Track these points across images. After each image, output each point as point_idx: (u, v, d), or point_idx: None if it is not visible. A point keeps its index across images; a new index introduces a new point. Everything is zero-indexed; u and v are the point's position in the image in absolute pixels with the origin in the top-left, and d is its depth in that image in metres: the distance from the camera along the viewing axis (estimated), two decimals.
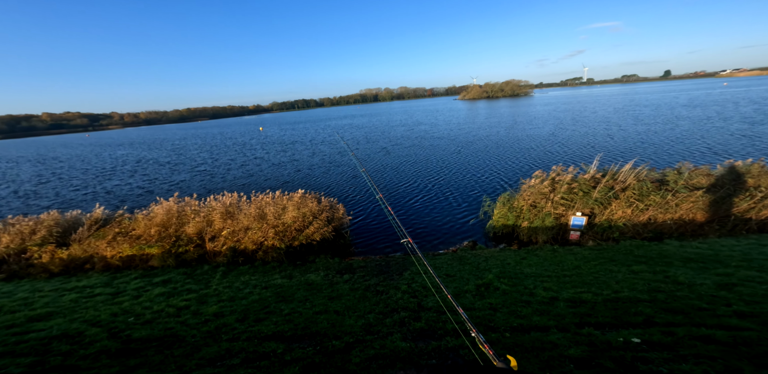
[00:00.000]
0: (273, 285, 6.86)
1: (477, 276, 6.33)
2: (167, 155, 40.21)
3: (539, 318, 3.94)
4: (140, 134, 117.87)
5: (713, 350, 2.85)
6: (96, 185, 24.68)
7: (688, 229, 9.08)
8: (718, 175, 9.86)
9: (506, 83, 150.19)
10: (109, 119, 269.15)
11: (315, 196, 11.12)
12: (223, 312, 5.16)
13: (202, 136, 71.61)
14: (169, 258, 9.44)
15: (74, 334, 4.37)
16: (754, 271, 5.65)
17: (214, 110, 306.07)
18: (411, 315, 4.45)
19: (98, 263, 9.64)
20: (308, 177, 21.00)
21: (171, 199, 11.30)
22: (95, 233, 10.52)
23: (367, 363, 3.13)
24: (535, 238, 9.81)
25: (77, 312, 5.46)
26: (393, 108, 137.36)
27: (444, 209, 13.39)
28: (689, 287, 5.17)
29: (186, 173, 26.45)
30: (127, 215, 11.49)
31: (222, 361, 3.42)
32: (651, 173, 10.29)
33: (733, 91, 70.48)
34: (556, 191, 10.00)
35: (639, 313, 4.02)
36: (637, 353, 2.86)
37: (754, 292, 4.69)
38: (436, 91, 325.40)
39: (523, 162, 19.99)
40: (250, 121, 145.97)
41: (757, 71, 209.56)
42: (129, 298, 6.24)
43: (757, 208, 8.86)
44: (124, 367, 3.35)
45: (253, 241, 9.66)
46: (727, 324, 3.53)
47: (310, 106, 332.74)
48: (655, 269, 6.24)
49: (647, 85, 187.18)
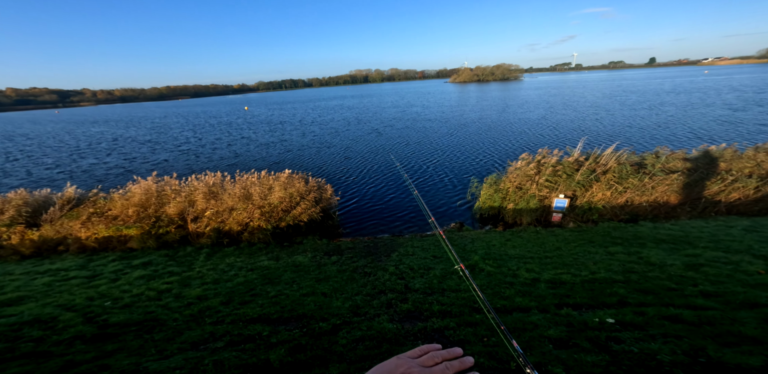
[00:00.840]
0: (259, 266, 6.79)
1: (463, 258, 6.45)
2: (147, 134, 38.27)
3: (521, 299, 4.06)
4: (116, 111, 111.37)
5: (680, 329, 3.00)
6: (71, 163, 23.37)
7: (661, 211, 9.48)
8: (693, 159, 10.23)
9: (497, 67, 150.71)
10: (81, 95, 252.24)
11: (302, 176, 10.88)
12: (207, 294, 5.08)
13: (185, 114, 68.35)
14: (149, 240, 9.16)
15: (47, 319, 4.20)
16: (720, 252, 5.93)
17: (195, 88, 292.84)
18: (398, 297, 4.50)
19: (72, 244, 9.25)
20: (299, 158, 20.47)
21: (149, 178, 10.81)
22: (68, 214, 10.02)
23: (354, 344, 3.16)
24: (520, 220, 10.05)
25: (51, 296, 5.25)
26: (383, 90, 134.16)
27: (435, 191, 13.45)
28: (660, 267, 5.41)
29: (168, 153, 25.27)
30: (102, 195, 10.97)
31: (205, 345, 3.37)
32: (631, 156, 10.56)
33: (714, 79, 72.03)
34: (542, 174, 10.14)
35: (614, 294, 4.19)
36: (611, 333, 2.98)
37: (719, 272, 4.96)
38: (427, 74, 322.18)
39: (515, 145, 20.13)
40: (235, 100, 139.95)
41: (738, 60, 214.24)
42: (106, 281, 6.04)
43: (727, 191, 9.28)
44: (101, 352, 3.25)
45: (238, 222, 9.45)
46: (693, 304, 3.72)
47: (298, 86, 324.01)
48: (629, 251, 6.50)
49: (633, 71, 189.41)
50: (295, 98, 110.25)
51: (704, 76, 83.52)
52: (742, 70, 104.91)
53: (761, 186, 9.10)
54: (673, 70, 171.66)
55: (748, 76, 71.45)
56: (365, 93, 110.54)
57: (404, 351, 0.69)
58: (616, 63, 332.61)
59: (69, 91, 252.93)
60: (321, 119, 41.98)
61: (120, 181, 17.02)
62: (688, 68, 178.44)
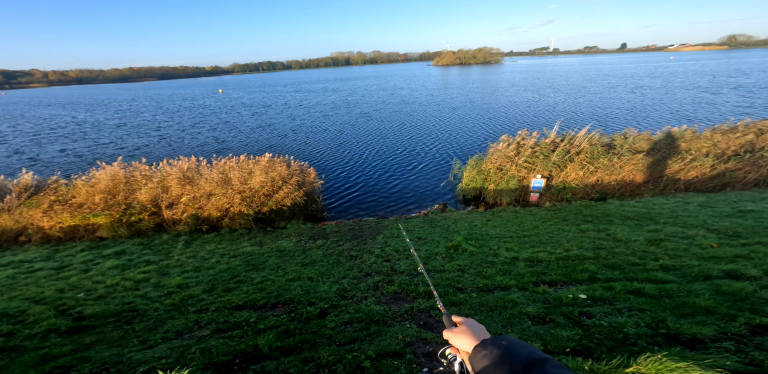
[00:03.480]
0: (242, 253, 6.67)
1: (447, 238, 6.63)
2: (112, 117, 35.50)
3: (502, 277, 4.26)
4: (71, 93, 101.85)
5: (643, 303, 3.24)
6: (35, 149, 21.47)
7: (628, 189, 10.06)
8: (657, 139, 10.81)
9: (479, 51, 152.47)
10: (30, 76, 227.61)
11: (283, 160, 10.56)
12: (188, 283, 4.96)
13: (154, 97, 63.23)
14: (120, 228, 8.71)
15: (15, 313, 3.97)
16: (678, 227, 6.31)
17: (162, 70, 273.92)
18: (385, 279, 4.59)
19: (35, 234, 8.66)
20: (291, 143, 19.79)
21: (115, 163, 10.14)
22: (26, 202, 9.29)
23: (343, 327, 3.22)
24: (500, 200, 10.38)
25: (16, 290, 4.94)
26: (367, 73, 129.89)
27: (426, 173, 13.55)
28: (625, 243, 5.76)
29: (147, 138, 23.53)
30: (63, 182, 10.21)
31: (190, 333, 3.33)
32: (602, 137, 11.02)
33: (680, 64, 74.90)
34: (521, 155, 10.40)
35: (585, 270, 4.46)
36: (583, 308, 3.20)
37: (677, 246, 5.33)
38: (410, 57, 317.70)
39: (506, 126, 20.43)
40: (208, 83, 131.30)
41: (701, 46, 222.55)
42: (77, 272, 5.75)
43: (686, 169, 9.94)
44: (79, 345, 3.14)
45: (217, 207, 9.15)
46: (654, 278, 4.02)
47: (277, 68, 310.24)
48: (599, 228, 6.85)
49: (607, 56, 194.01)
50: (275, 81, 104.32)
51: (670, 62, 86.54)
52: (705, 57, 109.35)
53: (717, 164, 9.81)
54: (642, 55, 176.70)
55: (717, 62, 74.53)
56: (348, 76, 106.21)
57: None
58: (591, 48, 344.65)
59: (16, 72, 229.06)
60: (307, 102, 40.46)
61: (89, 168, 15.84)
62: (655, 54, 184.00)
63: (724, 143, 10.42)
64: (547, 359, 0.69)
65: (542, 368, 0.66)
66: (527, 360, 0.69)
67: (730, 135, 10.65)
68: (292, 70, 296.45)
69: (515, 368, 0.68)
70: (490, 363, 0.72)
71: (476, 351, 0.79)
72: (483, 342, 0.80)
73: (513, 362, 0.69)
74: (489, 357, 0.74)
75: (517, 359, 0.69)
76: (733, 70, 49.04)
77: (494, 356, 0.73)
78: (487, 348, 0.76)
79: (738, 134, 10.61)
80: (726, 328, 2.56)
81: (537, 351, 0.73)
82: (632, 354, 2.17)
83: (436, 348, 2.71)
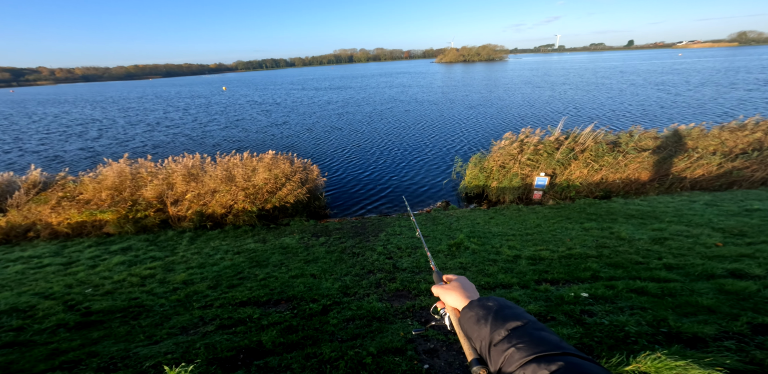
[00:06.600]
0: (246, 249, 6.74)
1: (449, 236, 6.64)
2: (125, 115, 35.71)
3: (504, 275, 4.27)
4: (80, 91, 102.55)
5: (645, 301, 3.23)
6: (55, 146, 21.72)
7: (632, 187, 9.98)
8: (663, 137, 10.69)
9: (483, 48, 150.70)
10: (37, 73, 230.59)
11: (287, 157, 10.61)
12: (193, 279, 5.03)
13: (161, 95, 63.85)
14: (126, 224, 8.83)
15: (25, 308, 4.07)
16: (683, 226, 6.29)
17: (167, 67, 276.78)
18: (387, 276, 4.62)
19: (43, 230, 8.81)
20: (305, 141, 19.69)
21: (121, 160, 10.29)
22: (35, 198, 9.45)
23: (345, 323, 3.26)
24: (503, 198, 10.35)
25: (25, 285, 5.05)
26: (371, 70, 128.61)
27: (423, 171, 13.53)
28: (629, 242, 5.74)
29: (165, 136, 23.57)
30: (70, 178, 10.37)
31: (195, 329, 3.39)
32: (607, 135, 10.91)
33: (691, 61, 73.42)
34: (524, 153, 10.34)
35: (587, 268, 4.45)
36: (585, 306, 3.20)
37: (681, 245, 5.31)
38: (414, 54, 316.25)
39: (519, 124, 20.18)
40: (213, 80, 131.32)
41: (710, 43, 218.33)
42: (84, 268, 5.85)
43: (693, 167, 9.83)
44: (87, 340, 3.21)
45: (221, 204, 9.23)
46: (657, 277, 4.00)
47: (280, 66, 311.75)
48: (602, 226, 6.83)
49: (613, 53, 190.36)
50: (281, 79, 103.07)
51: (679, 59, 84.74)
52: (716, 53, 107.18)
53: (724, 163, 9.69)
54: (650, 52, 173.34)
55: (734, 59, 72.56)
56: (352, 74, 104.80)
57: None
58: (597, 45, 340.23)
59: (23, 70, 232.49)
60: (318, 99, 40.26)
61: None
62: (664, 51, 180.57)
63: (731, 141, 10.27)
64: (529, 321, 0.74)
65: (523, 329, 0.71)
66: (512, 321, 0.74)
67: (738, 133, 10.49)
68: (295, 67, 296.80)
69: (499, 328, 0.73)
70: (476, 323, 0.78)
71: (465, 311, 0.84)
72: (471, 303, 0.85)
73: (498, 323, 0.74)
74: (475, 318, 0.79)
75: (503, 320, 0.75)
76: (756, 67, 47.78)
77: (481, 316, 0.78)
78: (474, 310, 0.81)
79: (746, 132, 10.45)
80: (728, 327, 2.55)
81: (522, 313, 0.78)
82: (632, 352, 2.18)
83: (437, 345, 2.73)
